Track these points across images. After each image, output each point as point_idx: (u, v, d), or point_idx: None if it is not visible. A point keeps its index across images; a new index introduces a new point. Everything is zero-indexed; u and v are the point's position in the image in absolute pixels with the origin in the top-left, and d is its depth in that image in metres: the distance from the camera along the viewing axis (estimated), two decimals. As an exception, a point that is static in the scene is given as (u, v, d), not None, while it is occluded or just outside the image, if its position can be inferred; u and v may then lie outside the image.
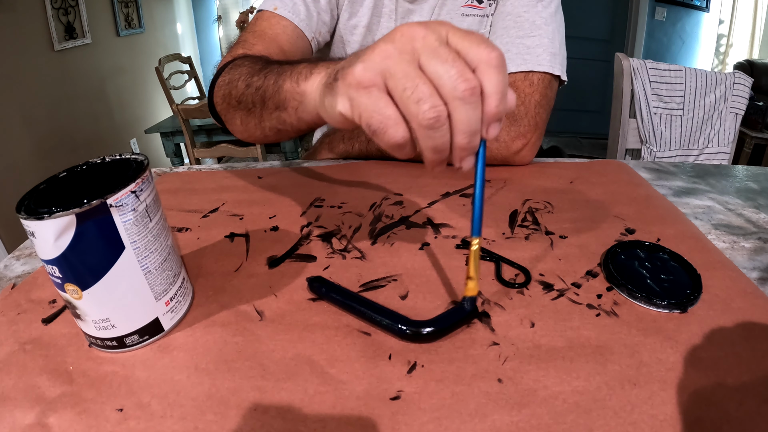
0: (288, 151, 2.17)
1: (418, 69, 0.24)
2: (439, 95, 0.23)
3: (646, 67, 1.07)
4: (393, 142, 0.25)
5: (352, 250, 0.41)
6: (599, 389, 0.26)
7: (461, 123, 0.24)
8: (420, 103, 0.23)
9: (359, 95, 0.25)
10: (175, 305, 0.32)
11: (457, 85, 0.23)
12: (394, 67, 0.24)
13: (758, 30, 3.01)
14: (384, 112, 0.24)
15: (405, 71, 0.23)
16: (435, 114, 0.23)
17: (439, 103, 0.23)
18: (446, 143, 0.25)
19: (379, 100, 0.24)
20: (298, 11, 0.61)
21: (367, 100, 0.24)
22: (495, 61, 0.24)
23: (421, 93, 0.23)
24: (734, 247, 0.40)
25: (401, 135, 0.24)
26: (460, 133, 0.24)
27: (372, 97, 0.24)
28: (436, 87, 0.23)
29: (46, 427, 0.25)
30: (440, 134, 0.24)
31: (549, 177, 0.55)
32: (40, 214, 0.25)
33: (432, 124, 0.23)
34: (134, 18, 2.77)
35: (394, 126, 0.24)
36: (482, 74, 0.24)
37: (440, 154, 0.25)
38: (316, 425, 0.25)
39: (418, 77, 0.23)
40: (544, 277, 0.36)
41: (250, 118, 0.47)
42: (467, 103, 0.23)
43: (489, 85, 0.24)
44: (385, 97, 0.24)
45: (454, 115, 0.24)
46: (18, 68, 1.92)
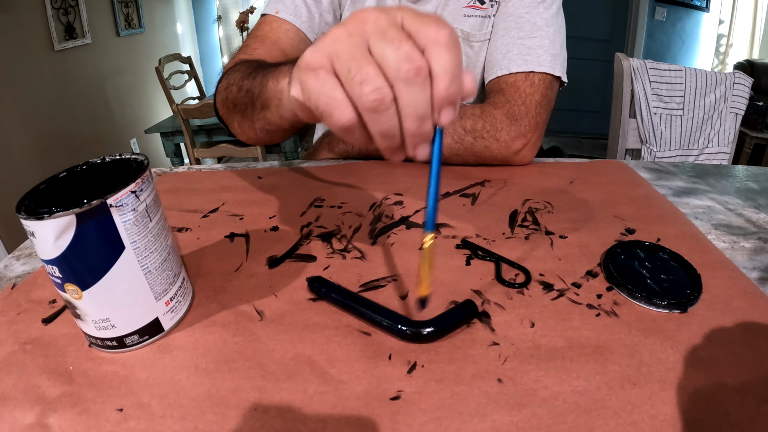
0: (288, 151, 2.17)
1: (366, 51, 0.23)
2: (384, 77, 0.23)
3: (646, 67, 1.07)
4: (339, 124, 0.24)
5: (352, 250, 0.41)
6: (599, 389, 0.26)
7: (407, 106, 0.23)
8: (363, 84, 0.23)
9: (308, 78, 0.24)
10: (175, 305, 0.32)
11: (401, 66, 0.22)
12: (341, 49, 0.23)
13: (758, 30, 3.01)
14: (330, 93, 0.24)
15: (351, 53, 0.23)
16: (378, 96, 0.23)
17: (382, 85, 0.23)
18: (395, 127, 0.24)
19: (326, 82, 0.24)
20: (299, 13, 0.61)
21: (315, 82, 0.24)
22: (444, 39, 0.23)
23: (364, 74, 0.23)
24: (734, 247, 0.40)
25: (347, 117, 0.24)
26: (407, 117, 0.23)
27: (319, 80, 0.24)
28: (382, 69, 0.23)
29: (46, 427, 0.25)
30: (386, 118, 0.23)
31: (549, 177, 0.55)
32: (40, 214, 0.25)
33: (375, 106, 0.23)
34: (134, 18, 2.77)
35: (339, 108, 0.24)
36: (430, 54, 0.23)
37: (390, 139, 0.25)
38: (316, 425, 0.25)
39: (363, 59, 0.23)
40: (544, 277, 0.36)
41: (245, 120, 0.48)
42: (411, 84, 0.22)
43: (437, 65, 0.23)
44: (332, 79, 0.24)
45: (400, 98, 0.23)
46: (18, 68, 1.92)
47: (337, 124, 0.24)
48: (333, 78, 0.24)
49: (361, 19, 0.24)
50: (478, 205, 0.48)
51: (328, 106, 0.24)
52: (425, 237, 0.27)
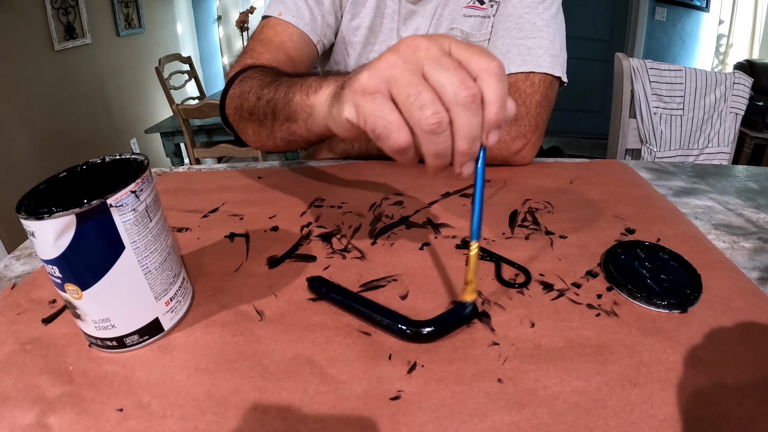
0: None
1: (422, 77, 0.25)
2: (441, 102, 0.24)
3: (646, 67, 1.07)
4: (396, 146, 0.26)
5: (352, 250, 0.41)
6: (599, 389, 0.26)
7: (462, 128, 0.25)
8: (423, 109, 0.24)
9: (365, 101, 0.26)
10: (175, 305, 0.32)
11: (459, 92, 0.24)
12: (399, 75, 0.25)
13: (758, 30, 3.01)
14: (388, 117, 0.25)
15: (409, 79, 0.25)
16: (437, 120, 0.24)
17: (441, 110, 0.24)
18: (448, 149, 0.26)
19: (384, 106, 0.25)
20: (302, 15, 0.61)
21: (372, 106, 0.26)
22: (495, 70, 0.25)
23: (424, 99, 0.24)
24: (734, 247, 0.40)
25: (404, 140, 0.25)
26: (461, 138, 0.25)
27: (376, 103, 0.25)
28: (438, 94, 0.24)
29: (46, 427, 0.25)
30: (442, 140, 0.25)
31: (549, 177, 0.55)
32: (40, 214, 0.25)
33: (434, 129, 0.24)
34: (134, 18, 2.77)
35: (397, 131, 0.25)
36: (483, 82, 0.25)
37: (442, 159, 0.26)
38: (316, 425, 0.25)
39: (421, 85, 0.24)
40: (544, 277, 0.36)
41: (262, 129, 0.48)
42: (468, 109, 0.24)
43: (489, 93, 0.25)
44: (389, 103, 0.25)
45: (456, 122, 0.25)
46: (18, 68, 1.92)
47: (393, 146, 0.26)
48: (390, 102, 0.25)
49: (413, 47, 0.25)
50: (478, 205, 0.48)
51: (386, 129, 0.25)
52: (472, 245, 0.29)
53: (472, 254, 0.29)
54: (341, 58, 0.70)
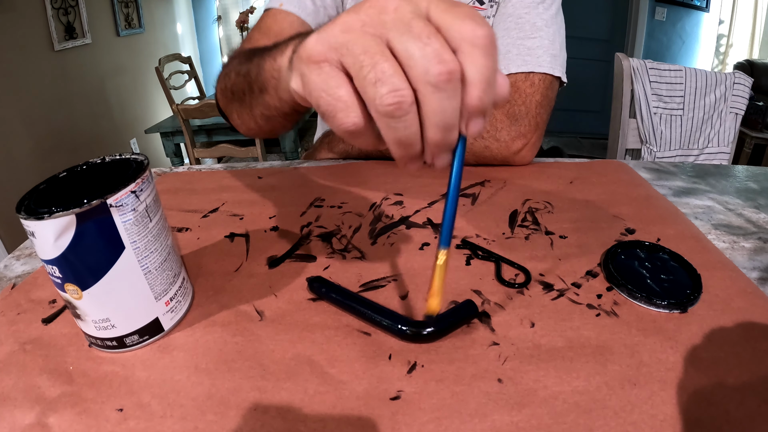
0: (288, 151, 2.17)
1: (384, 46, 0.20)
2: (405, 78, 0.19)
3: (646, 67, 1.07)
4: (343, 127, 0.21)
5: (352, 250, 0.41)
6: (599, 389, 0.26)
7: (433, 114, 0.20)
8: (378, 84, 0.19)
9: (310, 71, 0.21)
10: (175, 305, 0.32)
11: (430, 67, 0.19)
12: (353, 41, 0.20)
13: (758, 30, 3.01)
14: (334, 92, 0.21)
15: (365, 46, 0.20)
16: (395, 99, 0.19)
17: (402, 86, 0.19)
18: (413, 136, 0.21)
19: (330, 78, 0.21)
20: (304, 5, 0.60)
21: (317, 77, 0.21)
22: (482, 40, 0.19)
23: (380, 72, 0.19)
24: (734, 247, 0.40)
25: (352, 121, 0.21)
26: (431, 126, 0.20)
27: (322, 74, 0.21)
28: (404, 68, 0.20)
29: (46, 427, 0.25)
30: (404, 125, 0.20)
31: (549, 177, 0.55)
32: (40, 214, 0.25)
33: (392, 111, 0.20)
34: (134, 18, 2.77)
35: (344, 110, 0.21)
36: (464, 56, 0.20)
37: (406, 148, 0.22)
38: (316, 425, 0.25)
39: (379, 54, 0.19)
40: (544, 277, 0.36)
41: (243, 109, 0.44)
42: (441, 90, 0.19)
43: (472, 70, 0.20)
44: (338, 75, 0.21)
45: (425, 105, 0.20)
46: (18, 68, 1.92)
47: (340, 127, 0.21)
48: (339, 74, 0.21)
49: (379, 7, 0.20)
50: (478, 205, 0.48)
51: (331, 106, 0.21)
52: (439, 252, 0.25)
53: (439, 264, 0.25)
54: None
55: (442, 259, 0.25)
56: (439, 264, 0.25)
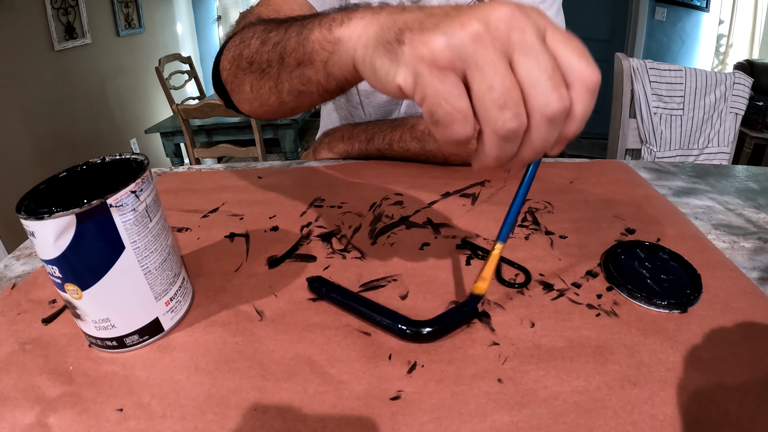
0: (288, 151, 2.17)
1: (508, 66, 0.20)
2: (524, 104, 0.20)
3: (646, 67, 1.07)
4: (454, 138, 0.22)
5: (352, 250, 0.41)
6: (599, 389, 0.26)
7: (537, 140, 0.21)
8: (504, 109, 0.20)
9: (431, 76, 0.21)
10: (175, 305, 0.32)
11: (551, 101, 0.20)
12: (483, 56, 0.20)
13: (758, 30, 3.01)
14: (455, 103, 0.21)
15: (495, 65, 0.20)
16: (517, 125, 0.20)
17: (523, 113, 0.20)
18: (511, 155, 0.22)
19: (454, 89, 0.21)
20: None
21: (440, 85, 0.21)
22: (594, 83, 0.21)
23: (507, 98, 0.20)
24: (734, 247, 0.40)
25: (465, 133, 0.21)
26: (530, 149, 0.22)
27: (446, 84, 0.20)
28: (523, 93, 0.20)
29: (46, 427, 0.25)
30: (511, 146, 0.22)
31: (549, 177, 0.55)
32: (40, 214, 0.25)
33: (509, 135, 0.21)
34: (134, 18, 2.77)
35: (461, 122, 0.21)
36: (576, 94, 0.21)
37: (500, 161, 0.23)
38: (316, 425, 0.25)
39: (508, 77, 0.20)
40: (544, 277, 0.36)
41: (264, 82, 0.40)
42: (552, 123, 0.21)
43: (579, 109, 0.21)
44: (460, 85, 0.21)
45: (533, 132, 0.21)
46: (18, 68, 1.92)
47: (451, 137, 0.22)
48: (461, 85, 0.21)
49: (506, 22, 0.20)
50: (478, 205, 0.48)
51: (449, 116, 0.21)
52: (496, 245, 0.29)
53: (494, 254, 0.29)
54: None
55: (497, 250, 0.29)
56: (494, 254, 0.29)
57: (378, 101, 0.72)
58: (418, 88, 0.21)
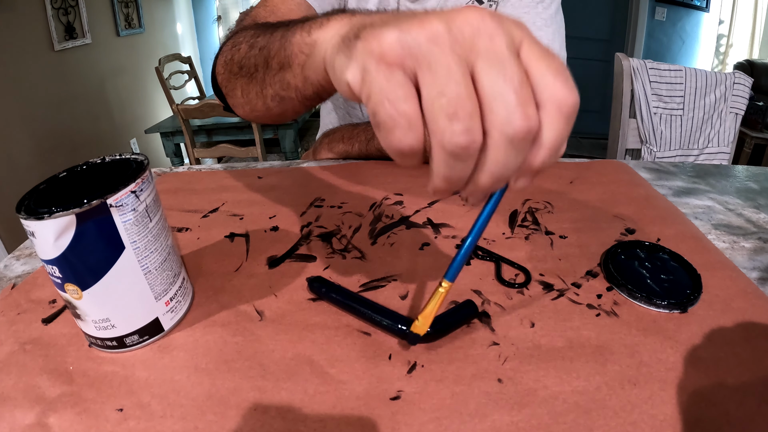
0: (288, 151, 2.17)
1: (468, 74, 0.18)
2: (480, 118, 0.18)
3: (646, 67, 1.07)
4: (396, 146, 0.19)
5: (352, 250, 0.41)
6: (599, 389, 0.26)
7: (494, 164, 0.18)
8: (453, 120, 0.17)
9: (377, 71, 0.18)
10: (175, 305, 0.32)
11: (513, 119, 0.17)
12: (438, 58, 0.17)
13: (758, 30, 3.01)
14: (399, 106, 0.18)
15: (450, 70, 0.17)
16: (466, 141, 0.17)
17: (476, 128, 0.17)
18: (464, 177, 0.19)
19: (399, 88, 0.18)
20: None
21: (385, 83, 0.18)
22: (569, 108, 0.18)
23: (459, 107, 0.17)
24: (734, 247, 0.40)
25: (408, 142, 0.18)
26: (486, 173, 0.19)
27: (392, 82, 0.18)
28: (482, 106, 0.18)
29: (46, 427, 0.25)
30: (462, 166, 0.19)
31: (549, 177, 0.55)
32: (40, 214, 0.25)
33: (458, 153, 0.18)
34: (134, 18, 2.77)
35: (405, 128, 0.18)
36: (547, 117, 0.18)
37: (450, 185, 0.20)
38: (316, 425, 0.25)
39: (463, 84, 0.17)
40: (544, 277, 0.36)
41: (252, 86, 0.40)
42: (513, 145, 0.18)
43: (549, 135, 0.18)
44: (408, 86, 0.18)
45: (490, 153, 0.18)
46: (18, 68, 1.92)
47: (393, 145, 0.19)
48: (410, 86, 0.18)
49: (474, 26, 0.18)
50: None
51: (391, 120, 0.18)
52: (443, 282, 0.25)
53: (440, 291, 0.26)
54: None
55: (444, 288, 0.26)
56: (440, 291, 0.26)
57: None
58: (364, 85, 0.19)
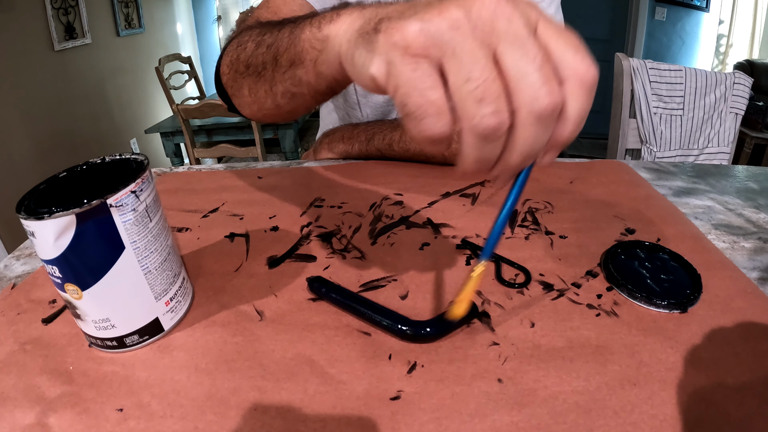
0: (288, 151, 2.17)
1: (491, 56, 0.18)
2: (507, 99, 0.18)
3: (646, 67, 1.07)
4: (427, 134, 0.19)
5: (352, 250, 0.41)
6: (599, 389, 0.26)
7: (523, 142, 0.19)
8: (482, 104, 0.18)
9: (403, 63, 0.19)
10: (175, 305, 0.32)
11: (540, 96, 0.18)
12: (461, 44, 0.18)
13: (758, 30, 3.01)
14: (427, 94, 0.19)
15: (474, 55, 0.18)
16: (497, 122, 0.18)
17: (505, 109, 0.18)
18: (494, 158, 0.20)
19: (427, 78, 0.19)
20: None
21: (412, 74, 0.19)
22: (590, 80, 0.19)
23: (486, 91, 0.18)
24: (734, 247, 0.40)
25: (440, 130, 0.19)
26: (516, 152, 0.19)
27: (418, 72, 0.19)
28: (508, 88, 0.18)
29: (46, 427, 0.25)
30: (492, 147, 0.19)
31: (549, 177, 0.55)
32: (40, 214, 0.25)
33: (488, 134, 0.18)
34: (134, 18, 2.77)
35: (435, 116, 0.19)
36: (570, 91, 0.19)
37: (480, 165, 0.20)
38: (316, 425, 0.25)
39: (488, 68, 0.18)
40: (544, 277, 0.36)
41: (260, 85, 0.39)
42: (541, 121, 0.18)
43: (573, 108, 0.19)
44: (434, 75, 0.19)
45: (519, 131, 0.19)
46: (18, 68, 1.92)
47: (424, 133, 0.19)
48: (436, 75, 0.19)
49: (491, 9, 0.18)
50: (478, 205, 0.48)
51: (421, 109, 0.19)
52: (479, 264, 0.25)
53: (474, 274, 0.25)
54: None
55: (478, 270, 0.25)
56: (474, 275, 0.26)
57: (375, 101, 0.72)
58: (391, 78, 0.20)
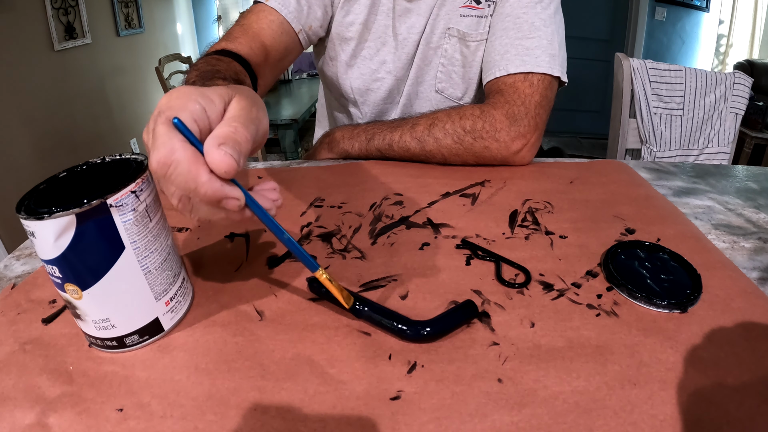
0: (288, 151, 2.17)
1: None
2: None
3: (646, 67, 1.07)
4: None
5: (352, 250, 0.41)
6: (599, 389, 0.26)
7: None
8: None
9: None
10: (175, 305, 0.32)
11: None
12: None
13: (758, 30, 3.01)
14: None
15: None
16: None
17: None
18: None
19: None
20: (287, 3, 0.62)
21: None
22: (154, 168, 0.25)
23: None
24: (734, 247, 0.40)
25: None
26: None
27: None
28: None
29: (46, 427, 0.25)
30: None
31: (549, 177, 0.55)
32: (40, 214, 0.25)
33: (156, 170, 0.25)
34: (134, 18, 2.77)
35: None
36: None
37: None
38: (316, 425, 0.25)
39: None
40: (544, 277, 0.36)
41: None
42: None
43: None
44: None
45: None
46: (18, 68, 1.91)
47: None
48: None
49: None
50: (478, 205, 0.48)
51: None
52: (318, 273, 0.30)
53: (325, 278, 0.30)
54: (335, 54, 0.70)
55: (324, 276, 0.30)
56: (325, 279, 0.30)
57: (372, 100, 0.72)
58: None
